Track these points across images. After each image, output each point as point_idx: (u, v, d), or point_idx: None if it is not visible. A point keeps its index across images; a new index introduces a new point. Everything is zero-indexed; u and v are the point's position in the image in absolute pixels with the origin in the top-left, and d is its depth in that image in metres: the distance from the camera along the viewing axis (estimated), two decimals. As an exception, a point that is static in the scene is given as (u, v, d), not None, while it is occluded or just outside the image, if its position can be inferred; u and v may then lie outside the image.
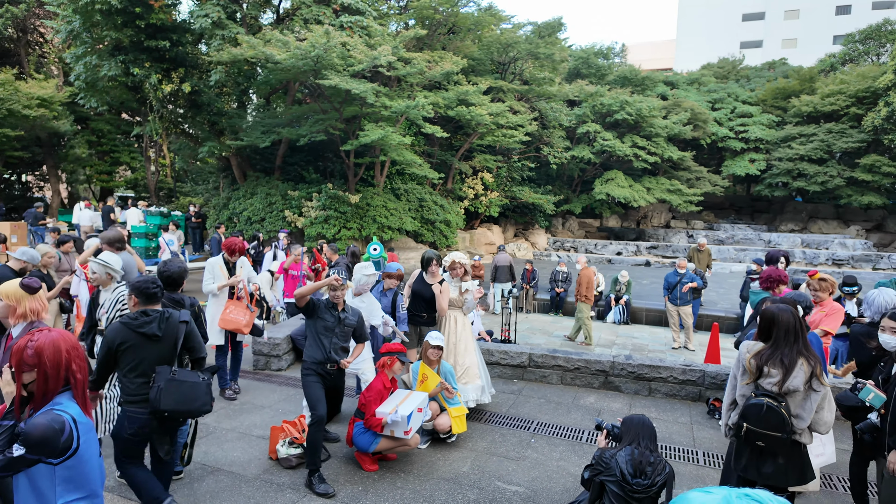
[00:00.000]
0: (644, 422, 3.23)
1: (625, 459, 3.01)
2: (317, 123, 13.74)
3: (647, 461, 2.99)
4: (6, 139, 15.97)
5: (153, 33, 12.30)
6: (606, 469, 3.04)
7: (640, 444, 3.09)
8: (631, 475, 2.93)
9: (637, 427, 3.21)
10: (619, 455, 3.05)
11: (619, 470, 2.96)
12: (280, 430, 4.43)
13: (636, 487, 2.91)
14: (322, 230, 14.34)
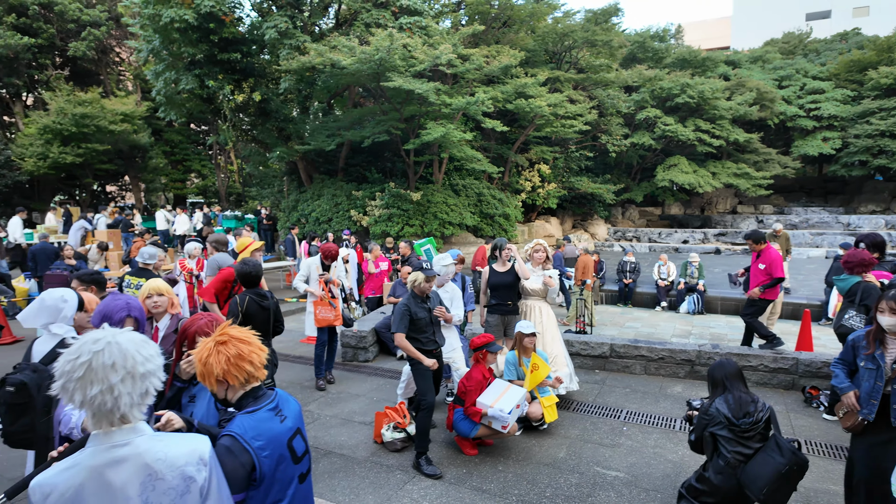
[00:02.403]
0: (725, 366, 3.30)
1: (724, 405, 3.11)
2: (378, 125, 14.10)
3: (745, 401, 3.10)
4: (95, 153, 17.29)
5: (225, 47, 13.00)
6: (711, 420, 3.13)
7: (731, 388, 3.18)
8: (736, 417, 3.03)
9: (722, 373, 3.28)
10: (717, 404, 3.15)
11: (724, 416, 3.07)
12: (384, 416, 4.70)
13: (745, 426, 3.02)
14: (386, 228, 14.72)
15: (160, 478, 1.40)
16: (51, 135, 16.44)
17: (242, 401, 1.88)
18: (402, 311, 4.27)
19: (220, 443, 1.74)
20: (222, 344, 1.85)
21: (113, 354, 1.38)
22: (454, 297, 5.35)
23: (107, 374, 1.36)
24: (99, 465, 1.36)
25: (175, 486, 1.42)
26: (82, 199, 20.74)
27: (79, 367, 1.35)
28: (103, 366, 1.36)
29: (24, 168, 16.83)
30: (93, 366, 1.36)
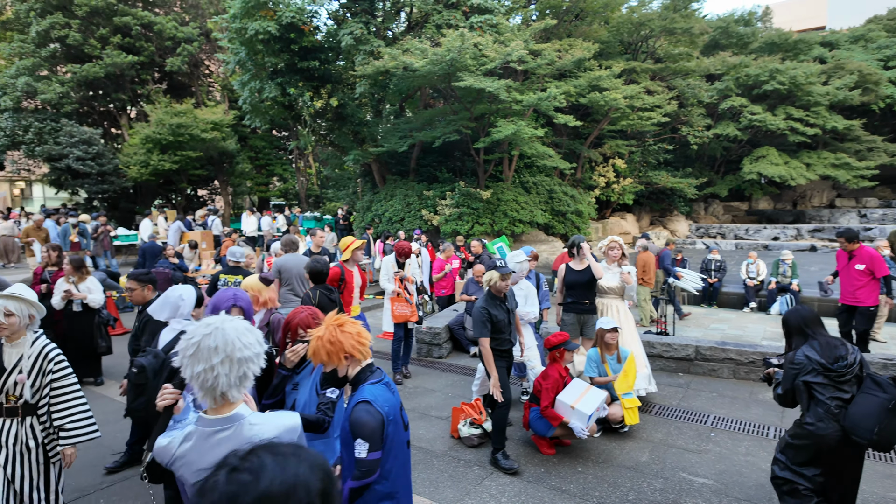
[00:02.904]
0: (802, 312, 3.14)
1: (813, 352, 2.95)
2: (449, 124, 14.24)
3: (834, 344, 2.96)
4: (189, 160, 18.65)
5: (304, 55, 13.63)
6: (802, 368, 2.97)
7: (813, 334, 3.04)
8: (830, 362, 2.89)
9: (799, 320, 3.11)
10: (804, 351, 2.99)
11: (816, 362, 2.92)
12: (460, 412, 4.75)
13: (840, 370, 2.87)
14: (456, 227, 14.84)
15: None
16: (151, 144, 17.93)
17: (361, 375, 2.16)
18: (483, 316, 4.13)
19: (359, 407, 2.05)
20: (341, 325, 2.12)
21: (216, 339, 1.55)
22: (528, 295, 5.31)
23: (210, 356, 1.53)
24: (205, 443, 1.57)
25: None
26: (178, 203, 22.48)
27: (191, 346, 1.55)
28: (208, 348, 1.54)
29: (129, 175, 18.47)
30: (200, 346, 1.54)
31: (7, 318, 2.76)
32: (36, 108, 19.06)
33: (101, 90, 20.22)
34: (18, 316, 2.79)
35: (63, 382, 2.99)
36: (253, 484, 0.83)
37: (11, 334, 2.82)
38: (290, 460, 0.87)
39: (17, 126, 17.98)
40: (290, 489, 0.83)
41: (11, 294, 2.80)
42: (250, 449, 0.89)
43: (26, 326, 2.89)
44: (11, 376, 2.82)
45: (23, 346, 2.88)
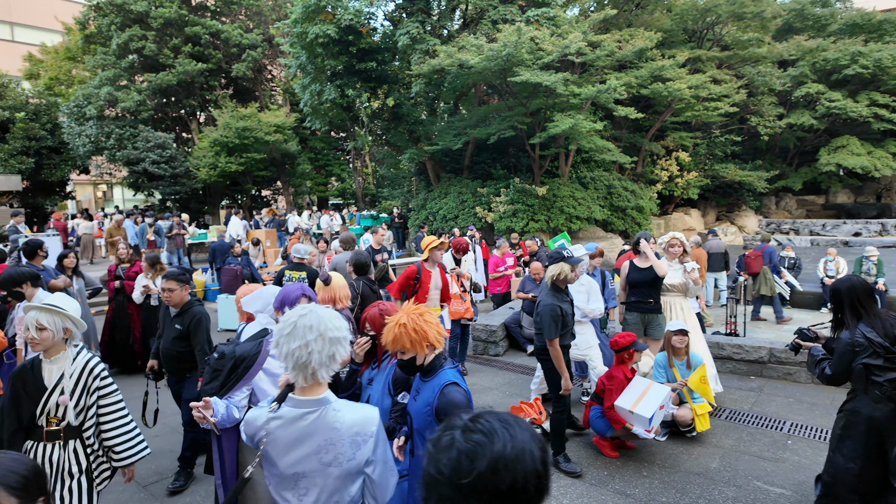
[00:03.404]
0: (856, 284, 2.93)
1: (873, 333, 2.80)
2: (504, 120, 14.13)
3: (890, 323, 2.82)
4: (254, 161, 19.49)
5: (362, 57, 13.90)
6: (863, 349, 2.81)
7: (868, 311, 2.86)
8: (892, 343, 2.77)
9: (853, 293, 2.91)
10: (863, 331, 2.83)
11: (878, 344, 2.78)
12: (519, 410, 4.70)
13: None
14: (511, 224, 14.71)
15: (333, 443, 1.70)
16: (219, 147, 18.87)
17: (436, 361, 2.23)
18: (553, 314, 3.90)
19: (450, 389, 2.11)
20: (422, 315, 2.19)
21: (311, 319, 1.70)
22: (591, 291, 5.14)
23: (305, 333, 1.67)
24: (292, 422, 1.70)
25: (343, 452, 1.70)
26: (243, 203, 23.54)
27: (287, 325, 1.69)
28: (304, 326, 1.68)
29: (199, 177, 19.53)
30: (297, 325, 1.68)
31: (40, 333, 2.51)
32: (116, 115, 20.45)
33: (173, 97, 21.46)
34: (52, 330, 2.53)
35: (110, 400, 2.76)
36: (488, 445, 0.88)
37: (47, 349, 2.57)
38: (514, 428, 0.91)
39: (101, 133, 19.38)
40: (519, 454, 0.87)
41: (44, 306, 2.54)
42: (477, 413, 0.94)
43: (64, 341, 2.63)
44: (53, 396, 2.56)
45: (64, 363, 2.61)
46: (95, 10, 20.22)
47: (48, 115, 21.16)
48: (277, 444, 1.69)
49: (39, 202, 21.59)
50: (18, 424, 2.56)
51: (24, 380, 2.58)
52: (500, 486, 0.87)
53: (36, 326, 2.51)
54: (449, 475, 0.88)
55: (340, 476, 1.71)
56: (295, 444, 1.69)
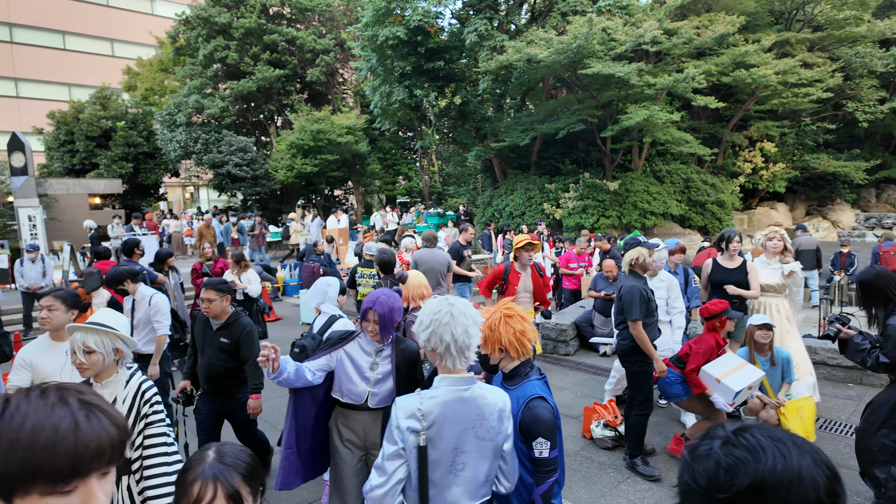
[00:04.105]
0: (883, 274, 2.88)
1: None
2: (573, 114, 13.83)
3: None
4: (327, 162, 20.24)
5: (430, 56, 14.07)
6: None
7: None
8: None
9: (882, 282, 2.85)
10: None
11: None
12: (593, 412, 4.60)
13: None
14: (580, 220, 14.38)
15: (485, 418, 1.84)
16: (295, 149, 19.75)
17: (521, 369, 2.15)
18: (637, 294, 3.78)
19: (536, 404, 2.01)
20: (509, 317, 2.12)
21: (460, 307, 1.85)
22: (671, 287, 4.89)
23: (463, 320, 1.82)
24: (450, 400, 1.83)
25: (493, 427, 1.85)
26: (318, 202, 24.52)
27: (445, 315, 1.83)
28: (460, 313, 1.83)
29: (277, 178, 20.55)
30: (454, 314, 1.83)
31: (88, 356, 2.23)
32: (203, 122, 21.91)
33: (253, 103, 22.70)
34: (101, 352, 2.25)
35: (155, 430, 2.33)
36: (751, 463, 0.80)
37: (97, 374, 2.30)
38: (790, 448, 0.80)
39: (189, 138, 20.84)
40: (793, 480, 0.77)
41: (90, 326, 2.26)
42: (741, 426, 0.87)
43: (116, 362, 2.34)
44: None
45: (116, 386, 2.31)
46: (184, 24, 21.75)
47: (144, 123, 23.01)
48: (438, 423, 1.79)
49: (136, 203, 23.53)
50: None
51: None
52: None
53: (83, 349, 2.22)
54: (705, 486, 0.82)
55: (490, 451, 1.84)
56: (455, 422, 1.80)
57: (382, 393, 2.64)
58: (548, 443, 1.96)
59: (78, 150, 21.30)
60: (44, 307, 2.92)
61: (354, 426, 2.69)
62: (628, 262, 4.00)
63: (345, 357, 2.66)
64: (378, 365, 2.65)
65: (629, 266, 4.00)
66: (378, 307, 2.53)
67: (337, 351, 2.68)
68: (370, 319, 2.57)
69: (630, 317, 3.81)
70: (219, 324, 3.66)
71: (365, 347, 2.68)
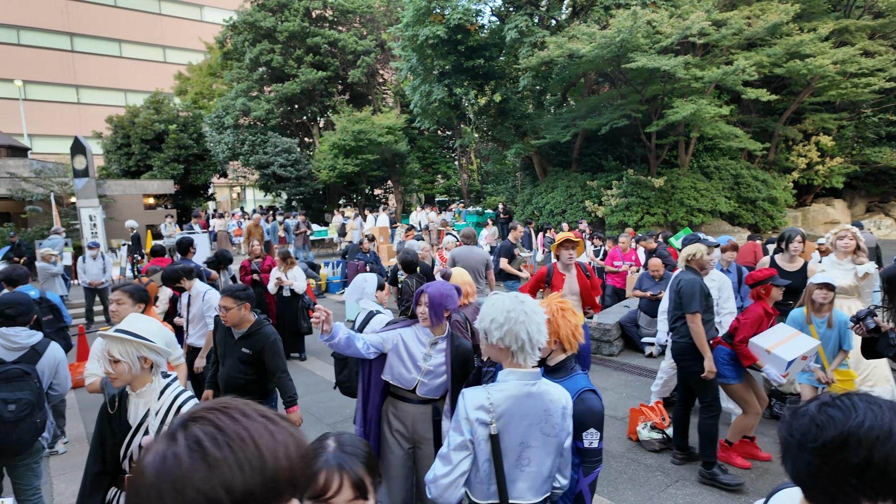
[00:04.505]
0: None
1: None
2: (616, 109, 13.54)
3: None
4: (368, 162, 20.54)
5: (470, 55, 14.07)
6: None
7: None
8: None
9: None
10: None
11: None
12: (640, 413, 4.51)
13: None
14: (623, 218, 14.07)
15: (551, 414, 1.85)
16: (337, 150, 20.13)
17: (568, 362, 2.20)
18: (699, 287, 3.67)
19: (587, 396, 2.07)
20: (565, 310, 2.18)
21: (531, 305, 1.87)
22: (722, 287, 4.70)
23: (536, 318, 1.86)
24: (519, 394, 1.84)
25: (557, 423, 1.87)
26: (358, 202, 24.92)
27: (520, 313, 1.84)
28: (532, 311, 1.86)
29: (320, 178, 21.00)
30: (527, 312, 1.85)
31: (114, 366, 2.10)
32: (249, 124, 22.60)
33: (296, 104, 23.25)
34: (125, 361, 2.09)
35: None
36: (841, 420, 0.90)
37: (129, 383, 2.17)
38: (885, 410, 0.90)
39: (236, 140, 21.54)
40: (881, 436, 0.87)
41: (113, 334, 2.12)
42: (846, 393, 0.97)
43: (150, 370, 2.19)
44: (137, 437, 2.13)
45: (150, 397, 2.17)
46: (231, 30, 22.48)
47: (194, 125, 23.92)
48: (506, 416, 1.80)
49: (187, 203, 24.50)
50: (103, 466, 2.18)
51: (111, 415, 2.20)
52: (852, 460, 0.88)
53: (108, 359, 2.10)
54: (799, 438, 0.94)
55: (554, 447, 1.86)
56: (522, 416, 1.81)
57: (432, 385, 2.69)
58: (598, 433, 2.03)
59: (133, 152, 22.35)
60: (113, 301, 3.09)
61: (403, 417, 2.75)
62: (685, 258, 3.89)
63: (401, 342, 2.72)
64: (431, 357, 2.69)
65: (685, 262, 3.89)
66: (430, 290, 2.62)
67: (394, 333, 2.75)
68: (422, 303, 2.65)
69: (689, 309, 3.70)
70: (240, 333, 3.40)
71: (421, 337, 2.73)
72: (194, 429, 0.67)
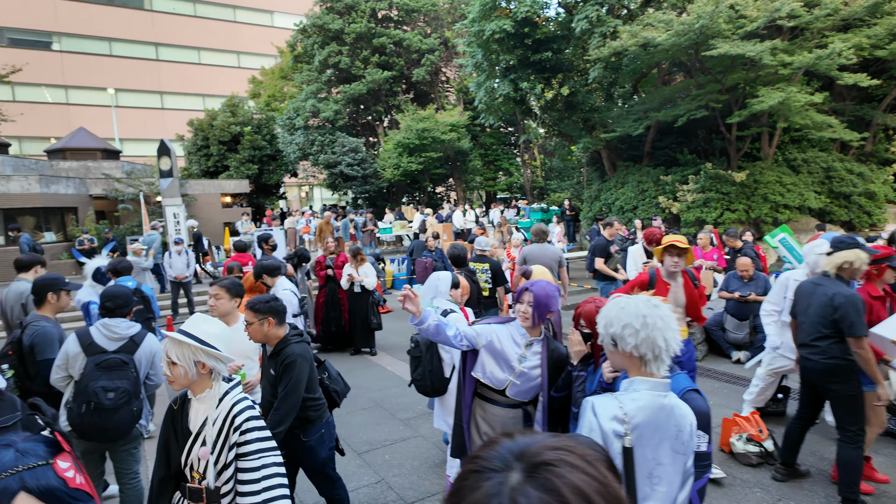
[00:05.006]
0: None
1: None
2: (693, 100, 12.83)
3: None
4: (431, 160, 20.66)
5: (537, 48, 13.79)
6: None
7: None
8: None
9: None
10: None
11: None
12: (733, 424, 4.21)
13: None
14: (701, 214, 13.34)
15: (682, 430, 1.72)
16: (401, 148, 20.39)
17: None
18: (861, 304, 3.23)
19: (692, 396, 1.95)
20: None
21: (665, 316, 1.75)
22: None
23: (671, 323, 1.74)
24: (652, 406, 1.71)
25: (686, 440, 1.72)
26: (421, 200, 25.14)
27: (657, 318, 1.73)
28: (668, 317, 1.74)
29: (385, 176, 21.35)
30: (663, 317, 1.74)
31: (172, 368, 2.01)
32: (318, 125, 23.31)
33: (362, 105, 23.75)
34: (182, 364, 2.00)
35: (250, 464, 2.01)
36: None
37: (186, 387, 2.08)
38: None
39: (306, 141, 22.28)
40: None
41: (174, 336, 2.03)
42: None
43: (209, 375, 2.07)
44: (196, 445, 2.04)
45: (210, 403, 2.06)
46: (302, 33, 23.26)
47: (267, 127, 24.98)
48: (640, 429, 1.69)
49: (261, 201, 25.63)
50: (167, 471, 2.13)
51: (175, 418, 2.13)
52: None
53: (166, 360, 2.02)
54: None
55: (682, 466, 1.72)
56: (655, 429, 1.69)
57: (523, 387, 2.59)
58: (706, 436, 1.91)
59: (212, 153, 23.62)
60: (211, 295, 3.20)
61: (492, 421, 2.67)
62: (836, 265, 3.37)
63: (495, 339, 2.62)
64: (526, 359, 2.59)
65: (835, 268, 3.38)
66: (535, 288, 2.51)
67: (488, 329, 2.65)
68: (524, 301, 2.54)
69: (854, 332, 3.20)
70: (270, 351, 2.97)
71: (516, 337, 2.63)
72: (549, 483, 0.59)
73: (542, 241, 6.77)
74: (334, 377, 3.32)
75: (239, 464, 2.01)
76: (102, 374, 2.98)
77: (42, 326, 3.41)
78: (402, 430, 4.97)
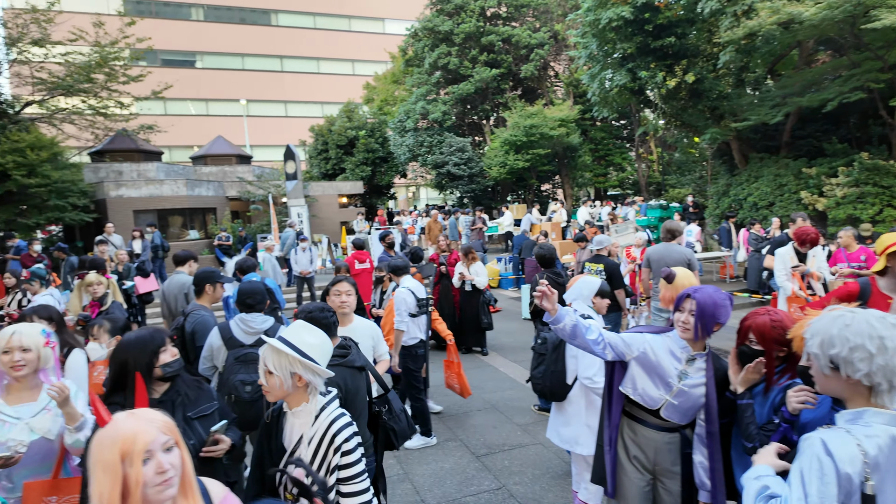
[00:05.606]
0: None
1: None
2: (846, 82, 11.25)
3: None
4: (538, 157, 20.24)
5: (658, 34, 12.91)
6: None
7: None
8: None
9: None
10: None
11: None
12: None
13: None
14: (854, 211, 11.68)
15: None
16: (508, 146, 20.20)
17: None
18: None
19: None
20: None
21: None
22: None
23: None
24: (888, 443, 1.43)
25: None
26: (527, 198, 24.76)
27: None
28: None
29: (491, 175, 21.29)
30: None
31: (268, 378, 1.86)
32: (427, 126, 23.84)
33: (469, 105, 23.90)
34: (278, 375, 1.84)
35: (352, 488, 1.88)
36: None
37: (281, 398, 1.92)
38: None
39: (416, 142, 22.88)
40: None
41: (275, 345, 1.85)
42: None
43: (306, 388, 1.89)
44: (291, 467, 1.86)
45: (306, 419, 1.90)
46: (413, 37, 23.92)
47: (380, 130, 26.05)
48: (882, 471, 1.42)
49: (373, 202, 26.81)
50: (261, 487, 1.98)
51: (269, 433, 1.98)
52: None
53: (263, 368, 1.87)
54: None
55: None
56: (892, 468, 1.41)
57: (681, 408, 2.29)
58: None
59: (330, 157, 25.12)
60: (343, 293, 3.27)
61: (644, 445, 2.39)
62: None
63: (649, 351, 2.33)
64: (688, 376, 2.28)
65: None
66: (699, 295, 2.19)
67: (640, 338, 2.36)
68: (685, 309, 2.24)
69: None
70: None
71: (675, 350, 2.32)
72: None
73: (670, 239, 6.21)
74: (397, 413, 2.84)
75: (342, 489, 1.86)
76: (241, 368, 3.09)
77: (202, 315, 3.72)
78: (520, 435, 4.83)
